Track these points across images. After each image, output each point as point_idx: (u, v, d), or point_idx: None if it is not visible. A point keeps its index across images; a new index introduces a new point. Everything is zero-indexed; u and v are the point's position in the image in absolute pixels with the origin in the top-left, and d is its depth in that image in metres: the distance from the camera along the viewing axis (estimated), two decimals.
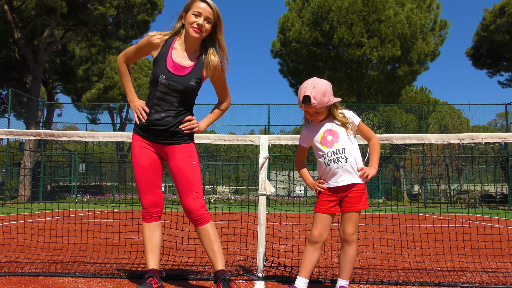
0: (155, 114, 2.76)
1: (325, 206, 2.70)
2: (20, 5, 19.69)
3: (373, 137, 2.80)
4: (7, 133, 3.60)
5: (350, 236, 2.68)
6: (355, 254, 2.74)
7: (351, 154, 2.67)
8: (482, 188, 21.47)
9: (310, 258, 2.69)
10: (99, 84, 32.10)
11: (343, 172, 2.66)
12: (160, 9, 23.65)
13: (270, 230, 6.39)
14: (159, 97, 2.76)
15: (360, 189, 2.68)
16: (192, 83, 2.78)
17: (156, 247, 2.86)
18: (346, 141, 2.69)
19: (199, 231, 2.83)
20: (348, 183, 2.66)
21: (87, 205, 14.58)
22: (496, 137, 3.49)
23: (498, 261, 4.19)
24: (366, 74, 23.00)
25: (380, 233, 5.92)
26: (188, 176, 2.79)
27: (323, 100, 2.63)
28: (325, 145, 2.72)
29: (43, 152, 20.26)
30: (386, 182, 23.54)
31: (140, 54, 2.91)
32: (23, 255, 4.10)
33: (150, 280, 2.70)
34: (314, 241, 2.69)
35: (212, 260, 2.82)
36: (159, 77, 2.74)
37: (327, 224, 2.70)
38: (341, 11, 20.99)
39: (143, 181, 2.84)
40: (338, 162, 2.66)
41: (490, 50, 26.48)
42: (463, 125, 26.81)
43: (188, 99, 2.83)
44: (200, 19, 2.71)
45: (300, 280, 2.68)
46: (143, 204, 2.87)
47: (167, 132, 2.77)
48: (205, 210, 2.83)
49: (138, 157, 2.84)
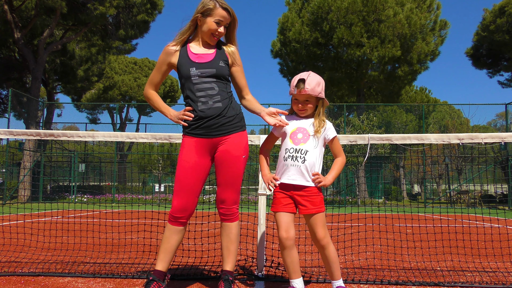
0: (202, 105, 2.74)
1: (281, 204, 2.69)
2: (20, 5, 19.68)
3: (342, 156, 2.82)
4: (7, 133, 3.59)
5: (322, 240, 2.64)
6: (336, 253, 2.70)
7: (311, 158, 2.67)
8: (482, 188, 21.48)
9: (291, 261, 2.67)
10: (99, 84, 32.09)
11: (296, 171, 2.67)
12: (160, 9, 23.65)
13: (270, 230, 6.39)
14: (198, 89, 2.76)
15: (313, 192, 2.67)
16: (221, 64, 2.80)
17: (170, 250, 2.79)
18: (312, 146, 2.70)
19: (224, 227, 2.83)
20: (299, 184, 2.66)
21: (86, 205, 14.57)
22: (496, 137, 3.49)
23: (498, 261, 4.19)
24: (366, 74, 23.00)
25: (380, 233, 5.93)
26: (233, 168, 2.78)
27: (316, 88, 2.69)
28: (292, 140, 2.74)
29: (43, 152, 20.25)
30: (386, 182, 23.54)
31: (163, 69, 2.90)
32: (23, 255, 4.09)
33: (154, 285, 2.66)
34: (284, 244, 2.64)
35: (224, 258, 2.83)
36: (189, 71, 2.75)
37: (290, 221, 2.66)
38: (340, 11, 20.98)
39: (181, 183, 2.77)
40: (295, 160, 2.68)
41: (490, 50, 26.48)
42: (463, 125, 26.81)
43: (224, 83, 2.83)
44: (221, 28, 2.78)
45: (295, 282, 2.68)
46: (173, 205, 2.78)
47: (220, 119, 2.75)
48: (237, 208, 2.83)
49: (183, 160, 2.78)
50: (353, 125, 20.14)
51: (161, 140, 3.59)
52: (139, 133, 3.64)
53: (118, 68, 35.09)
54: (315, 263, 3.94)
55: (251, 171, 21.06)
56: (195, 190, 2.79)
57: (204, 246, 4.81)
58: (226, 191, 2.79)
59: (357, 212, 5.96)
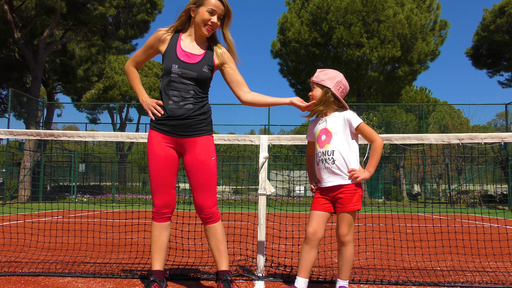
0: (173, 104, 2.73)
1: (319, 203, 2.72)
2: (20, 5, 19.68)
3: (375, 139, 2.71)
4: (7, 133, 3.60)
5: (343, 237, 2.67)
6: (353, 255, 2.73)
7: (340, 156, 2.66)
8: (482, 188, 21.48)
9: (307, 258, 2.67)
10: (99, 84, 32.09)
11: (330, 173, 2.68)
12: (160, 8, 23.64)
13: (270, 230, 6.39)
14: (174, 87, 2.74)
15: (350, 189, 2.66)
16: (205, 70, 2.76)
17: (163, 248, 2.82)
18: (338, 143, 2.68)
19: (208, 229, 2.81)
20: (335, 184, 2.67)
21: (87, 205, 14.57)
22: (495, 137, 3.49)
23: (498, 260, 4.20)
24: (366, 74, 22.99)
25: (380, 233, 5.93)
26: (205, 172, 2.76)
27: (320, 76, 2.76)
28: (319, 144, 2.76)
29: (43, 152, 20.25)
30: (386, 182, 23.55)
31: (149, 52, 2.89)
32: (23, 255, 4.10)
33: (155, 286, 2.67)
34: (308, 239, 2.67)
35: (217, 260, 2.82)
36: (171, 67, 2.72)
37: (321, 221, 2.69)
38: (340, 11, 20.97)
39: (159, 179, 2.78)
40: (326, 163, 2.69)
41: (490, 50, 26.47)
42: (463, 125, 26.82)
43: (202, 87, 2.80)
44: (214, 17, 2.73)
45: (300, 280, 2.67)
46: (155, 203, 2.80)
47: (188, 120, 2.73)
48: (217, 209, 2.82)
49: (155, 154, 2.78)
50: None
51: None
52: (139, 133, 3.64)
53: (118, 68, 35.09)
54: (315, 263, 3.94)
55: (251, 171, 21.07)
56: (171, 183, 2.82)
57: (204, 246, 4.81)
58: (202, 195, 2.76)
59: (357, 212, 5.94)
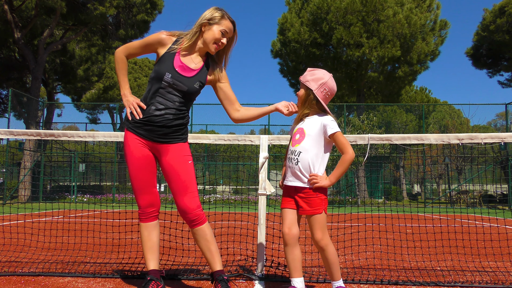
0: (155, 111, 2.73)
1: (286, 201, 2.72)
2: (20, 5, 19.68)
3: (346, 152, 2.61)
4: (7, 133, 3.60)
5: (319, 242, 2.61)
6: (335, 254, 2.66)
7: (305, 158, 2.62)
8: (482, 188, 21.48)
9: (293, 258, 2.65)
10: (99, 84, 32.09)
11: (292, 173, 2.67)
12: (160, 9, 23.64)
13: (270, 230, 6.39)
14: (161, 94, 2.74)
15: (310, 193, 2.61)
16: (196, 86, 2.79)
17: (155, 247, 2.84)
18: (307, 145, 2.64)
19: (196, 232, 2.78)
20: (294, 185, 2.65)
21: (87, 205, 14.58)
22: (495, 137, 3.49)
23: (497, 260, 4.20)
24: (365, 74, 22.99)
25: (380, 233, 5.93)
26: (183, 175, 2.75)
27: (306, 76, 2.74)
28: (292, 142, 2.75)
29: (43, 152, 20.26)
30: (386, 182, 23.55)
31: (146, 50, 2.87)
32: (23, 255, 4.10)
33: (152, 284, 2.67)
34: (286, 239, 2.64)
35: (210, 261, 2.80)
36: (164, 75, 2.72)
37: (293, 218, 2.67)
38: (339, 11, 20.97)
39: (139, 180, 2.80)
40: (291, 162, 2.69)
41: (490, 50, 26.48)
42: (463, 125, 26.81)
43: (189, 100, 2.83)
44: (224, 39, 2.77)
45: (296, 281, 2.66)
46: (140, 204, 2.82)
47: (164, 129, 2.74)
48: (201, 211, 2.79)
49: (132, 156, 2.79)
50: (353, 125, 20.15)
51: None
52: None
53: None
54: (315, 263, 3.94)
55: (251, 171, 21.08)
56: (152, 183, 2.85)
57: None
58: (183, 199, 2.74)
59: (357, 212, 5.96)
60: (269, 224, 6.38)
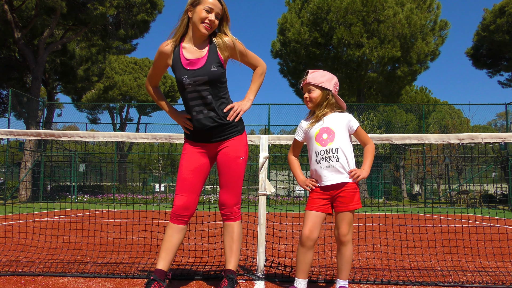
0: (198, 115, 2.77)
1: (316, 204, 2.70)
2: (20, 5, 19.68)
3: (369, 142, 2.83)
4: (7, 133, 3.60)
5: (344, 237, 2.69)
6: (352, 254, 2.74)
7: (343, 155, 2.69)
8: (482, 188, 21.48)
9: (304, 260, 2.66)
10: (99, 84, 32.09)
11: (333, 171, 2.68)
12: (160, 8, 23.64)
13: (270, 230, 6.38)
14: (192, 97, 2.77)
15: (351, 188, 2.69)
16: (213, 69, 2.75)
17: (171, 249, 2.81)
18: (340, 141, 2.71)
19: (226, 227, 2.87)
20: (338, 182, 2.68)
21: (87, 205, 14.58)
22: (496, 137, 3.49)
23: (498, 260, 4.20)
24: (366, 74, 22.99)
25: (380, 233, 5.93)
26: (230, 171, 2.82)
27: (318, 78, 2.77)
28: (319, 143, 2.74)
29: (43, 152, 20.26)
30: (386, 182, 23.54)
31: (159, 69, 2.91)
32: (23, 254, 4.10)
33: (154, 285, 2.66)
34: (304, 241, 2.65)
35: (227, 258, 2.86)
36: (182, 80, 2.75)
37: (318, 222, 2.67)
38: (340, 11, 20.96)
39: (184, 182, 2.84)
40: (330, 161, 2.68)
41: (490, 50, 26.47)
42: (463, 125, 26.80)
43: (219, 87, 2.79)
44: (211, 15, 2.73)
45: (299, 282, 2.68)
46: (175, 204, 2.83)
47: (217, 128, 2.78)
48: (238, 209, 2.88)
49: (187, 160, 2.86)
50: None
51: (161, 140, 3.59)
52: (139, 133, 3.64)
53: (118, 68, 35.09)
54: (315, 263, 3.94)
55: (251, 171, 21.07)
56: (196, 189, 2.86)
57: (204, 246, 4.82)
58: (226, 193, 2.85)
59: (357, 212, 5.95)
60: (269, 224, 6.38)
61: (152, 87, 3.01)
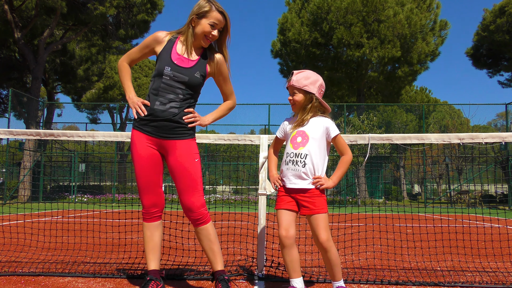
0: (160, 105, 2.73)
1: (283, 202, 2.70)
2: (20, 5, 19.68)
3: (346, 153, 2.74)
4: (7, 133, 3.59)
5: (325, 243, 2.60)
6: (337, 255, 2.67)
7: (310, 161, 2.66)
8: (482, 188, 21.48)
9: (291, 259, 2.65)
10: (99, 84, 32.09)
11: (297, 175, 2.67)
12: (160, 8, 23.64)
13: (270, 230, 6.39)
14: (164, 88, 2.74)
15: (314, 194, 2.65)
16: (197, 75, 2.78)
17: (156, 248, 2.84)
18: (313, 148, 2.68)
19: (199, 231, 2.80)
20: (300, 187, 2.66)
21: (86, 205, 14.58)
22: (496, 136, 3.49)
23: (498, 261, 4.19)
24: (366, 74, 22.99)
25: (380, 233, 5.93)
26: (189, 173, 2.75)
27: (302, 81, 2.72)
28: (292, 145, 2.74)
29: (43, 152, 20.26)
30: (386, 182, 23.55)
31: (145, 51, 2.89)
32: (23, 254, 4.10)
33: (152, 284, 2.69)
34: (284, 241, 2.63)
35: (211, 261, 2.82)
36: (164, 69, 2.74)
37: (291, 219, 2.66)
38: (340, 11, 20.97)
39: (144, 180, 2.79)
40: (296, 165, 2.67)
41: (490, 50, 26.47)
42: (463, 125, 26.79)
43: (192, 93, 2.81)
44: (215, 31, 2.75)
45: (294, 281, 2.66)
46: (144, 204, 2.82)
47: (171, 123, 2.74)
48: (206, 210, 2.80)
49: (138, 154, 2.79)
50: (353, 125, 20.14)
51: None
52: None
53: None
54: (315, 263, 3.94)
55: (251, 171, 21.08)
56: (157, 183, 2.84)
57: None
58: (188, 197, 2.76)
59: (357, 212, 5.96)
60: (269, 224, 6.39)
61: (126, 63, 2.93)
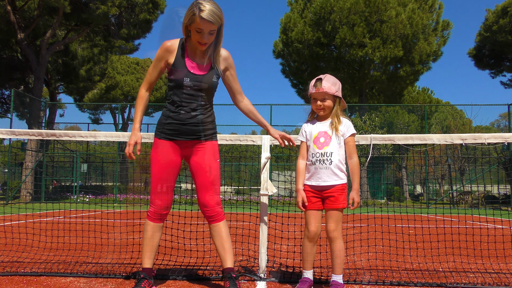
0: (185, 114, 2.81)
1: (311, 202, 2.90)
2: (22, 5, 19.72)
3: (354, 156, 2.92)
4: (9, 133, 3.60)
5: (331, 233, 2.83)
6: (343, 250, 2.86)
7: (336, 158, 2.87)
8: (485, 189, 21.43)
9: (311, 253, 2.91)
10: (101, 84, 32.13)
11: (327, 173, 2.87)
12: (162, 8, 23.66)
13: (272, 231, 6.38)
14: (186, 99, 2.81)
15: (340, 188, 2.86)
16: (214, 79, 2.86)
17: (154, 247, 2.92)
18: (335, 146, 2.89)
19: (212, 228, 2.93)
20: (330, 184, 2.86)
21: (88, 205, 14.60)
22: (499, 137, 3.48)
23: (500, 262, 4.18)
24: (368, 74, 22.96)
25: (382, 234, 5.90)
26: (211, 172, 2.88)
27: (332, 87, 2.89)
28: (316, 145, 2.92)
29: (45, 152, 20.29)
30: (389, 183, 23.51)
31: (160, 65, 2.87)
32: (25, 255, 4.10)
33: (144, 283, 2.76)
34: (311, 237, 2.88)
35: (222, 258, 2.91)
36: (183, 81, 2.78)
37: (318, 218, 2.90)
38: (343, 11, 20.96)
39: (162, 183, 2.87)
40: (324, 163, 2.87)
41: (493, 50, 26.40)
42: (465, 126, 26.74)
43: (210, 96, 2.91)
44: (204, 36, 2.73)
45: (308, 273, 2.90)
46: (156, 204, 2.88)
47: (196, 128, 2.83)
48: (221, 208, 2.93)
49: (160, 159, 2.87)
50: (355, 125, 20.13)
51: None
52: (141, 133, 3.63)
53: (120, 68, 35.11)
54: (316, 263, 3.93)
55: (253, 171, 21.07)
56: (172, 187, 2.94)
57: (205, 246, 4.81)
58: (206, 195, 2.89)
59: (359, 212, 5.95)
60: (271, 224, 6.38)
61: (147, 90, 2.93)
